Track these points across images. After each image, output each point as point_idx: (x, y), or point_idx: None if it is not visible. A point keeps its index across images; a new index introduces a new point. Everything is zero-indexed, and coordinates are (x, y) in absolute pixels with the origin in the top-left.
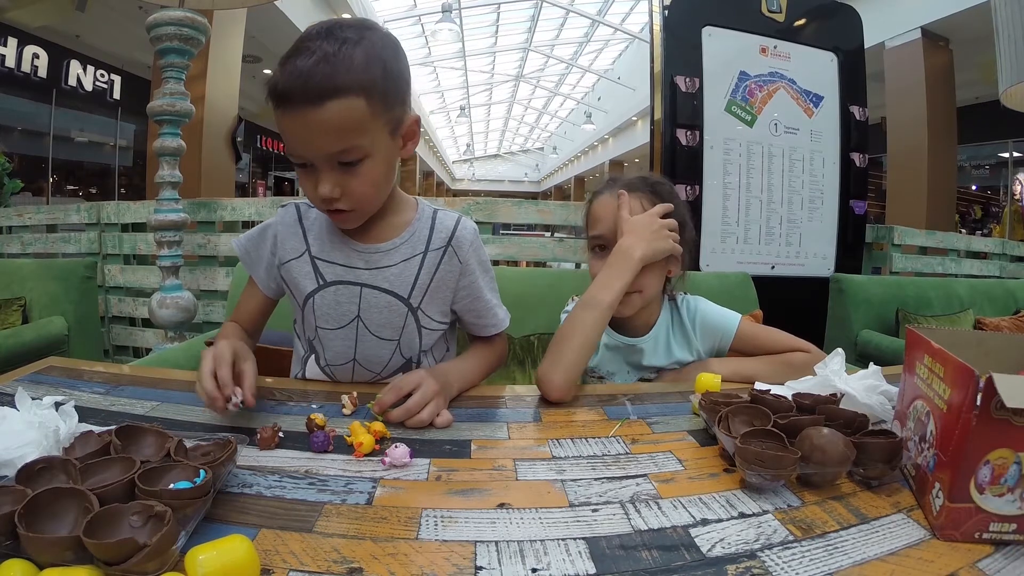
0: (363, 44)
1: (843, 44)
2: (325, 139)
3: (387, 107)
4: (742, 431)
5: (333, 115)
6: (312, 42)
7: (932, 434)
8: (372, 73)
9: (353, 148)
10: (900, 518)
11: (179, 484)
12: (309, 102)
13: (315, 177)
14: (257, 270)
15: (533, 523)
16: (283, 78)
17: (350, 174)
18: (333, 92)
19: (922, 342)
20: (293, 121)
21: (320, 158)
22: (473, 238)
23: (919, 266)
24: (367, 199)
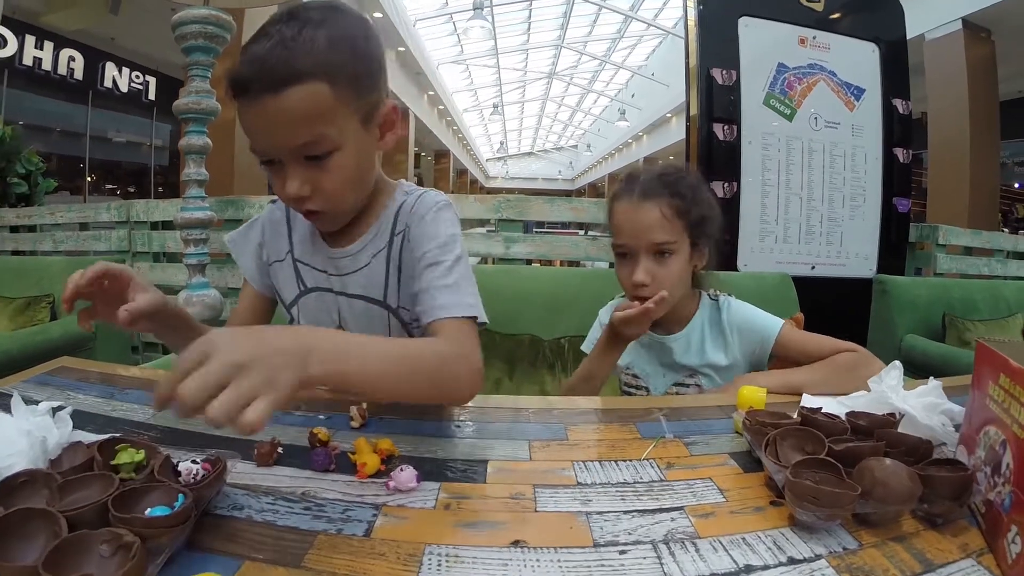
0: (326, 25)
1: (884, 34)
2: (287, 131)
3: (356, 93)
4: (792, 458)
5: (293, 103)
6: (272, 26)
7: (1009, 467)
8: (337, 56)
9: (319, 139)
10: (969, 565)
11: (156, 510)
12: (267, 90)
13: (283, 175)
14: (250, 266)
15: (551, 567)
16: (240, 65)
17: (319, 169)
18: (292, 78)
19: (997, 359)
20: (252, 113)
21: (284, 153)
22: (428, 208)
23: (964, 267)
24: (339, 197)
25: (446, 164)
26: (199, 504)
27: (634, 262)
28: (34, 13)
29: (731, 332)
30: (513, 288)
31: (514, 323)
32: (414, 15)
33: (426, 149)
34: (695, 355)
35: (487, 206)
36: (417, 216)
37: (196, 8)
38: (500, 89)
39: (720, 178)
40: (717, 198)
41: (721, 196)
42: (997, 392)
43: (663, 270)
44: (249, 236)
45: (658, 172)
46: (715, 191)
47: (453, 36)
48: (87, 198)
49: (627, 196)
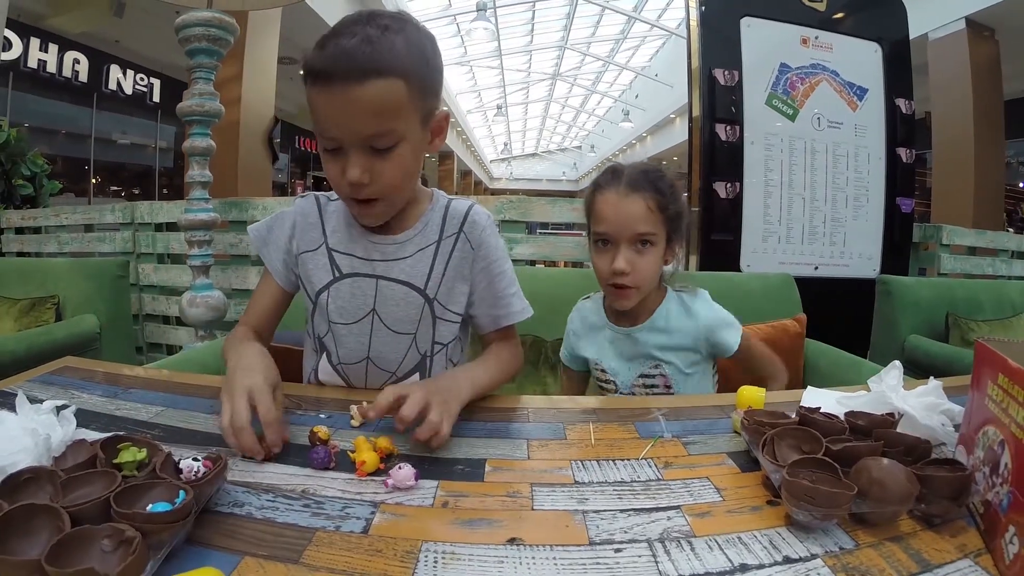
0: (404, 32)
1: (887, 34)
2: (363, 119)
3: (423, 96)
4: (789, 458)
5: (374, 95)
6: (353, 26)
7: (1007, 468)
8: (412, 60)
9: (388, 132)
10: (967, 565)
11: (157, 506)
12: (352, 80)
13: (343, 161)
14: (274, 259)
15: (546, 564)
16: (324, 56)
17: (382, 159)
18: (376, 72)
19: (996, 359)
20: (332, 99)
21: (354, 139)
22: (487, 223)
23: (968, 267)
24: (395, 187)
25: (450, 165)
26: (200, 500)
27: (615, 251)
28: (39, 16)
29: (698, 321)
30: None
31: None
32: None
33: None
34: (660, 338)
35: (490, 207)
36: (479, 227)
37: (200, 11)
38: (504, 90)
39: (723, 178)
40: (720, 198)
41: (724, 196)
42: (996, 392)
43: (642, 260)
44: (275, 230)
45: (641, 168)
46: (718, 191)
47: (456, 38)
48: (92, 200)
49: (613, 187)
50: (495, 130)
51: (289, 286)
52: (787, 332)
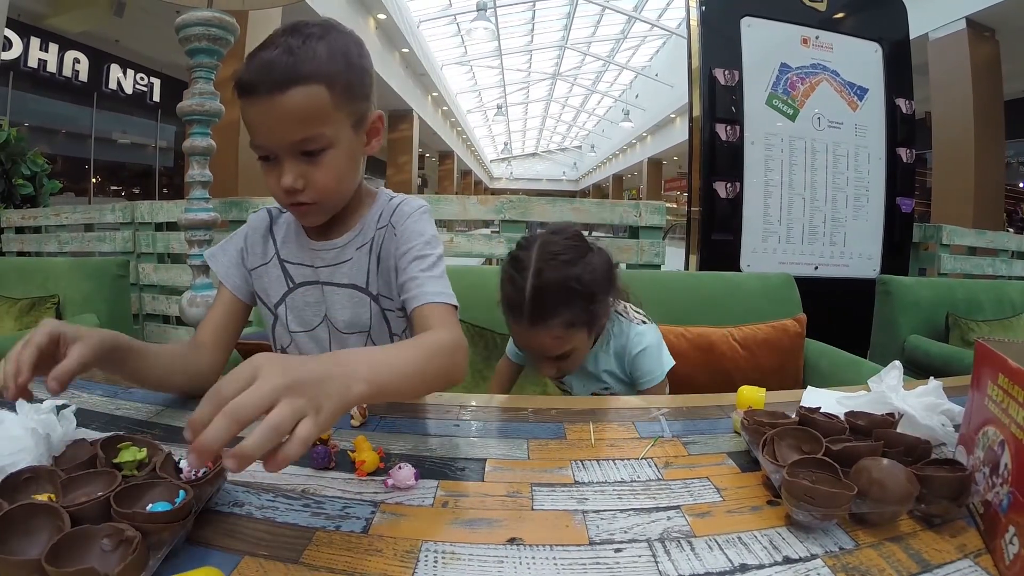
0: (326, 39)
1: (887, 34)
2: (288, 127)
3: (349, 99)
4: (789, 458)
5: (296, 102)
6: (277, 38)
7: (1007, 468)
8: (334, 65)
9: (315, 136)
10: (967, 565)
11: (157, 505)
12: (273, 90)
13: (278, 170)
14: (229, 273)
15: (546, 564)
16: (249, 69)
17: (313, 164)
18: (296, 80)
19: (996, 359)
20: (258, 110)
21: (283, 147)
22: (412, 210)
23: (968, 267)
24: (329, 191)
25: (450, 165)
26: (200, 500)
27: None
28: (39, 15)
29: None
30: None
31: None
32: (418, 16)
33: (430, 150)
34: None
35: (489, 207)
36: (403, 215)
37: (200, 10)
38: (504, 90)
39: (723, 178)
40: (720, 198)
41: (724, 196)
42: (996, 392)
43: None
44: (228, 248)
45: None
46: (718, 191)
47: (457, 37)
48: (92, 199)
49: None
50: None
51: (247, 298)
52: (787, 332)
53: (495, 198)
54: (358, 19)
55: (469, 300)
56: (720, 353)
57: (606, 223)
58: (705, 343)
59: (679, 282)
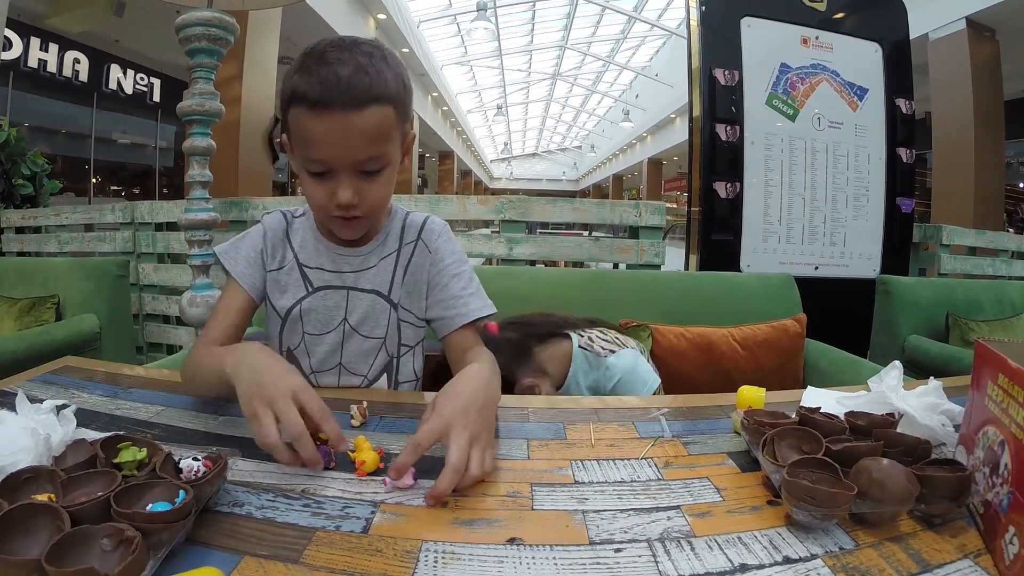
0: (387, 60)
1: (887, 34)
2: (360, 144)
3: (404, 120)
4: (789, 458)
5: (371, 121)
6: (340, 53)
7: (1007, 468)
8: (398, 87)
9: (380, 155)
10: (967, 565)
11: (157, 505)
12: (352, 107)
13: (332, 184)
14: (246, 271)
15: (546, 564)
16: (319, 83)
17: (370, 181)
18: (373, 99)
19: (996, 359)
20: (329, 126)
21: (348, 163)
22: (442, 229)
23: (968, 267)
24: (380, 206)
25: (450, 165)
26: (200, 500)
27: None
28: (39, 15)
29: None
30: (515, 289)
31: None
32: (418, 16)
33: (430, 150)
34: None
35: (489, 207)
36: (433, 233)
37: (200, 10)
38: (504, 90)
39: (723, 179)
40: (720, 198)
41: (724, 196)
42: (996, 392)
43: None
44: (244, 247)
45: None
46: (718, 191)
47: (457, 37)
48: (92, 199)
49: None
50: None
51: (259, 298)
52: (787, 332)
53: (495, 198)
54: (358, 19)
55: None
56: (720, 353)
57: (606, 223)
58: (705, 343)
59: (679, 282)
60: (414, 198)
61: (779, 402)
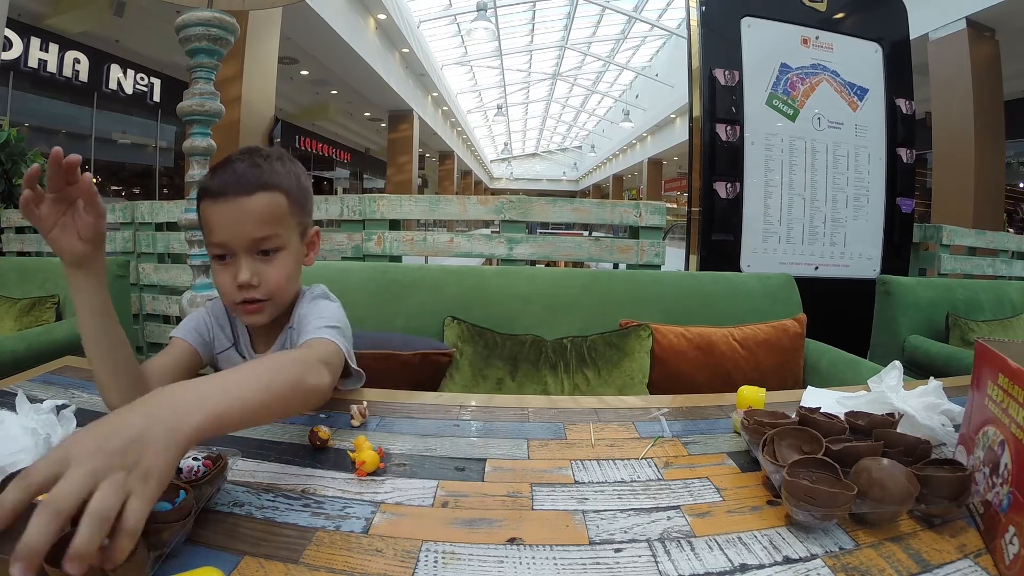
0: (281, 160)
1: (887, 34)
2: (252, 225)
3: (299, 211)
4: (789, 458)
5: (262, 204)
6: (241, 155)
7: (1007, 468)
8: (290, 180)
9: (273, 236)
10: (967, 565)
11: (157, 505)
12: (243, 192)
13: (234, 268)
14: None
15: (546, 564)
16: (218, 177)
17: (267, 263)
18: (263, 186)
19: (996, 359)
20: (224, 211)
21: (244, 244)
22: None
23: (968, 267)
24: (280, 288)
25: (450, 165)
26: (200, 500)
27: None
28: (39, 15)
29: None
30: (515, 289)
31: (516, 324)
32: (418, 16)
33: (430, 151)
34: None
35: (489, 207)
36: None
37: (200, 10)
38: (504, 90)
39: (723, 179)
40: (720, 198)
41: (724, 196)
42: (996, 392)
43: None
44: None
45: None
46: (718, 191)
47: (457, 37)
48: None
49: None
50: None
51: (205, 355)
52: (787, 332)
53: (495, 198)
54: (358, 19)
55: (469, 300)
56: (720, 353)
57: (606, 223)
58: (705, 343)
59: (679, 282)
60: (414, 198)
61: (779, 402)
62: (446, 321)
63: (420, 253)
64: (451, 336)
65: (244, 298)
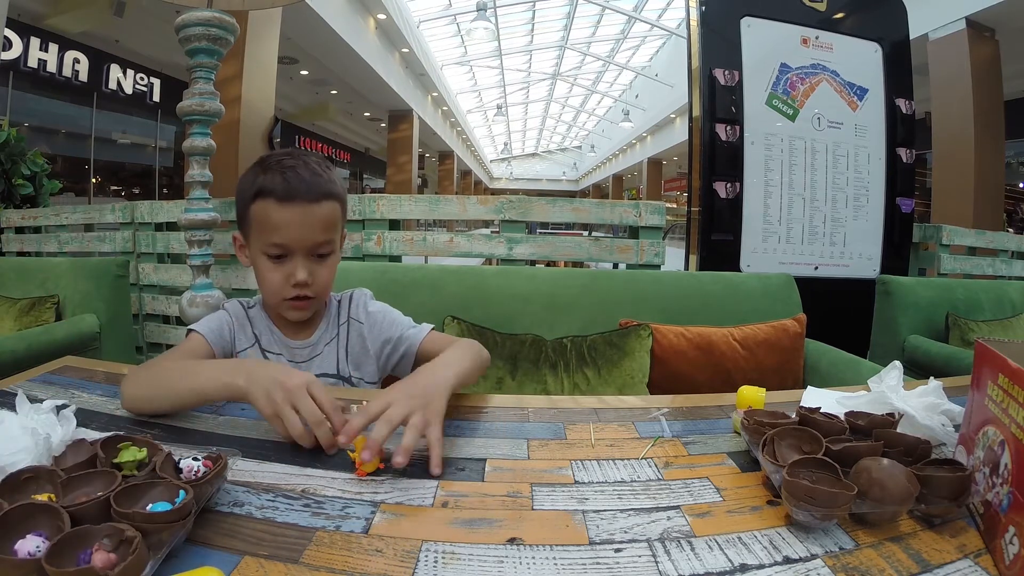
0: (331, 169)
1: (887, 34)
2: (317, 230)
3: (345, 216)
4: (789, 458)
5: (326, 212)
6: (295, 160)
7: (1007, 468)
8: (342, 189)
9: (330, 241)
10: (967, 565)
11: (157, 505)
12: (312, 200)
13: (288, 267)
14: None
15: (546, 564)
16: (284, 181)
17: (321, 264)
18: (328, 195)
19: (996, 359)
20: (292, 215)
21: (305, 247)
22: (363, 299)
23: (968, 267)
24: (327, 288)
25: (450, 165)
26: (200, 500)
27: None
28: (39, 15)
29: None
30: (515, 288)
31: (516, 323)
32: (418, 16)
33: (430, 150)
34: None
35: (489, 207)
36: (359, 307)
37: (200, 10)
38: (504, 90)
39: (723, 179)
40: (720, 198)
41: (724, 196)
42: (996, 392)
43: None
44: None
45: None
46: (718, 191)
47: (457, 37)
48: (92, 199)
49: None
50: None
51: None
52: (787, 332)
53: (495, 198)
54: (358, 19)
55: (469, 300)
56: (720, 353)
57: (606, 223)
58: (705, 343)
59: (679, 282)
60: (414, 198)
61: (779, 402)
62: (446, 321)
63: (420, 253)
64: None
65: (296, 295)
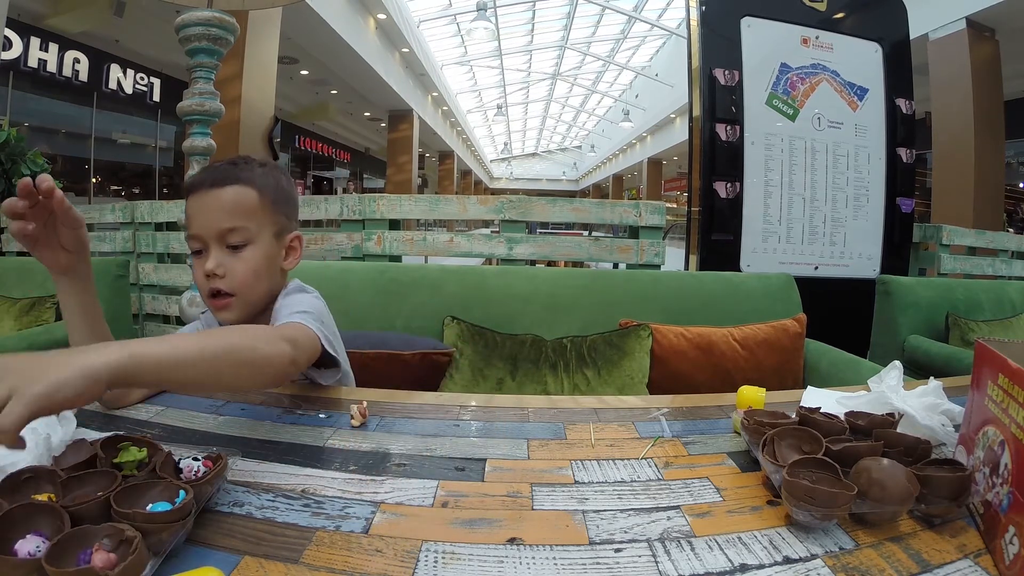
0: (264, 166)
1: (887, 34)
2: (221, 215)
3: (274, 210)
4: (789, 458)
5: (230, 196)
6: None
7: (1007, 468)
8: (266, 180)
9: (241, 229)
10: (967, 565)
11: (157, 505)
12: (213, 185)
13: (204, 259)
14: None
15: (546, 564)
16: (198, 174)
17: (235, 256)
18: (234, 179)
19: (996, 359)
20: (196, 202)
21: (212, 234)
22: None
23: (968, 267)
24: (245, 284)
25: (450, 165)
26: (200, 500)
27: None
28: (39, 15)
29: None
30: (515, 289)
31: (516, 323)
32: (418, 16)
33: (430, 150)
34: None
35: (489, 207)
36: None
37: (200, 10)
38: (504, 90)
39: (723, 179)
40: (720, 198)
41: (724, 196)
42: (996, 392)
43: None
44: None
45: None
46: (718, 191)
47: (457, 37)
48: (92, 199)
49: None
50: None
51: None
52: (787, 332)
53: (495, 198)
54: (358, 19)
55: (469, 300)
56: (720, 353)
57: (606, 223)
58: (705, 343)
59: (679, 282)
60: (414, 198)
61: (779, 402)
62: (446, 321)
63: (420, 253)
64: (451, 336)
65: (211, 289)
